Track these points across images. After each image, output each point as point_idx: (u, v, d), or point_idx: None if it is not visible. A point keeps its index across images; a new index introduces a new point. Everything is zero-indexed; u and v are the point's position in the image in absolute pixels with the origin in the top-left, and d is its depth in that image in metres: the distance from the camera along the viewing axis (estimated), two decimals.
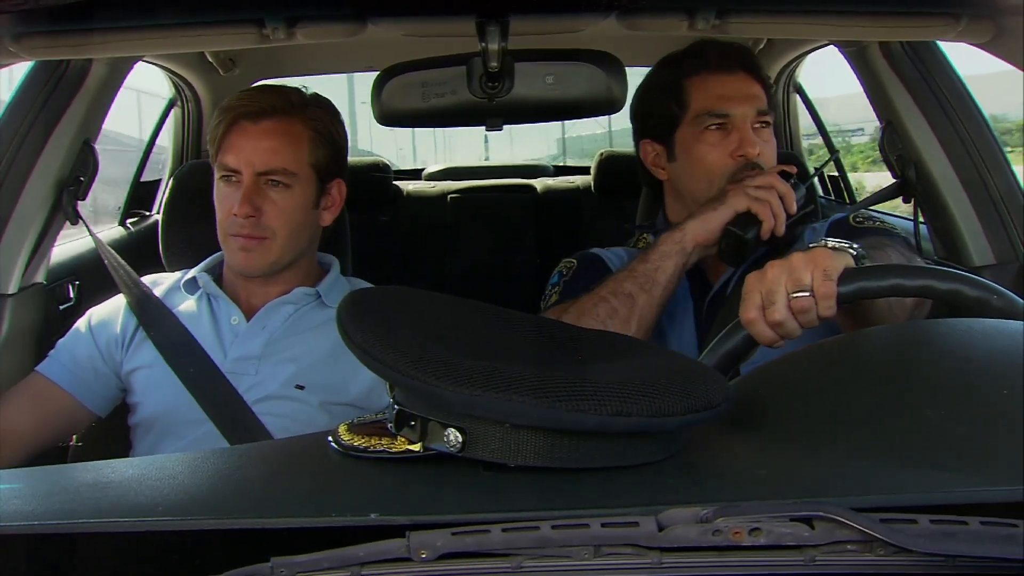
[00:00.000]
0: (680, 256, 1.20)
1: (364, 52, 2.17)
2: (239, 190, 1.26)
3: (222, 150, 1.27)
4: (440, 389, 0.57)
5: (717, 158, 1.28)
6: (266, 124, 1.26)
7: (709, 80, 1.30)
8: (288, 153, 1.27)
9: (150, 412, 1.28)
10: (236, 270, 1.32)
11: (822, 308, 0.87)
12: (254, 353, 1.28)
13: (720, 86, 1.29)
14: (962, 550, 0.49)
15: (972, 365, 0.70)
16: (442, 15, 1.15)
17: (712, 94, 1.29)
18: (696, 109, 1.30)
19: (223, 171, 1.28)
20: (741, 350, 0.89)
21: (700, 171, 1.30)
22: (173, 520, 0.56)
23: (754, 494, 0.57)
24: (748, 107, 1.28)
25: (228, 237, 1.28)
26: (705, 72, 1.30)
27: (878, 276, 0.87)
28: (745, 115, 1.28)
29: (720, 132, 1.29)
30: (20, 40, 1.10)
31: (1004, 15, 1.12)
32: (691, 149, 1.31)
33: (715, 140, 1.29)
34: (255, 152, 1.25)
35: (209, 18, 1.14)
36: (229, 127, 1.27)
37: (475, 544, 0.50)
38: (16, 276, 1.42)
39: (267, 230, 1.27)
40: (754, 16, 1.17)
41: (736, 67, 1.30)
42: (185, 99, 2.24)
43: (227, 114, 1.28)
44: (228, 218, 1.27)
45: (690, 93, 1.31)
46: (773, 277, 0.89)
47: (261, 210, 1.26)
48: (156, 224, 1.66)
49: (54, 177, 1.45)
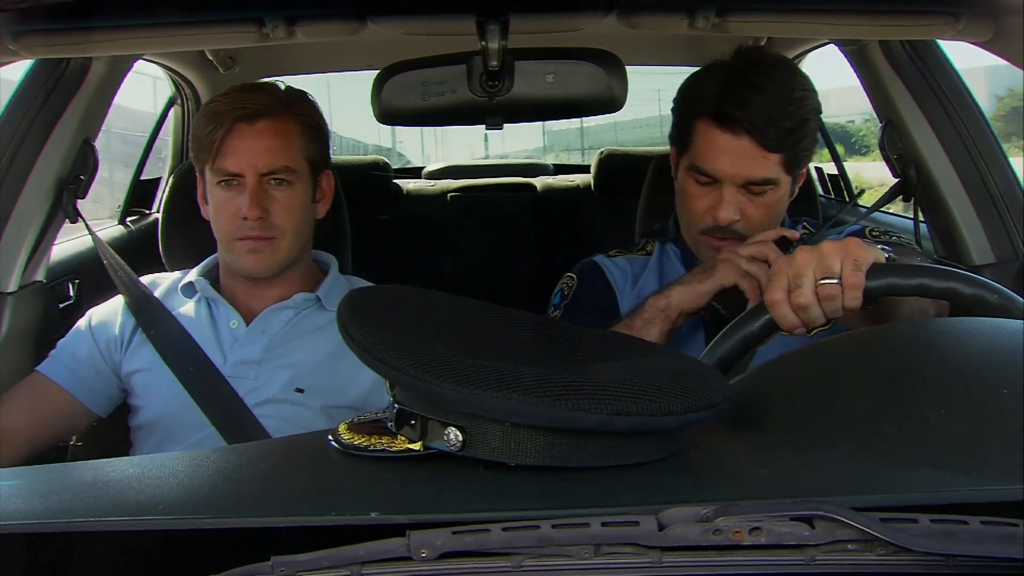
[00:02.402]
0: (664, 323, 1.16)
1: (364, 51, 2.17)
2: (242, 193, 1.25)
3: (220, 155, 1.25)
4: (440, 388, 0.57)
5: (695, 208, 1.24)
6: (262, 124, 1.26)
7: (708, 131, 1.21)
8: (286, 151, 1.27)
9: (151, 416, 1.28)
10: (245, 273, 1.31)
11: (848, 298, 0.85)
12: (254, 357, 1.28)
13: (714, 142, 1.20)
14: (962, 550, 0.49)
15: (972, 365, 0.70)
16: (442, 14, 1.15)
17: (707, 148, 1.21)
18: (692, 155, 1.23)
19: (222, 176, 1.26)
20: (760, 334, 0.88)
21: (684, 209, 1.28)
22: (173, 519, 0.56)
23: (754, 494, 0.57)
24: (739, 174, 1.19)
25: (234, 241, 1.28)
26: (707, 120, 1.21)
27: (907, 274, 0.86)
28: (733, 180, 1.20)
29: (705, 187, 1.23)
30: (20, 38, 1.10)
31: (1004, 14, 1.12)
32: (681, 185, 1.28)
33: (696, 192, 1.24)
34: (256, 153, 1.25)
35: (209, 17, 1.14)
36: (227, 132, 1.25)
37: (475, 543, 0.50)
38: (16, 274, 1.42)
39: (275, 229, 1.27)
40: (754, 15, 1.17)
41: (742, 131, 1.18)
42: (185, 97, 2.23)
43: (222, 119, 1.26)
44: (234, 222, 1.26)
45: (694, 136, 1.23)
46: (803, 261, 0.88)
47: (268, 210, 1.26)
48: (156, 223, 1.66)
49: (54, 175, 1.45)
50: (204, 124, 1.27)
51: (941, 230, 1.58)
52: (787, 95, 1.19)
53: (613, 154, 2.53)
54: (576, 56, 1.16)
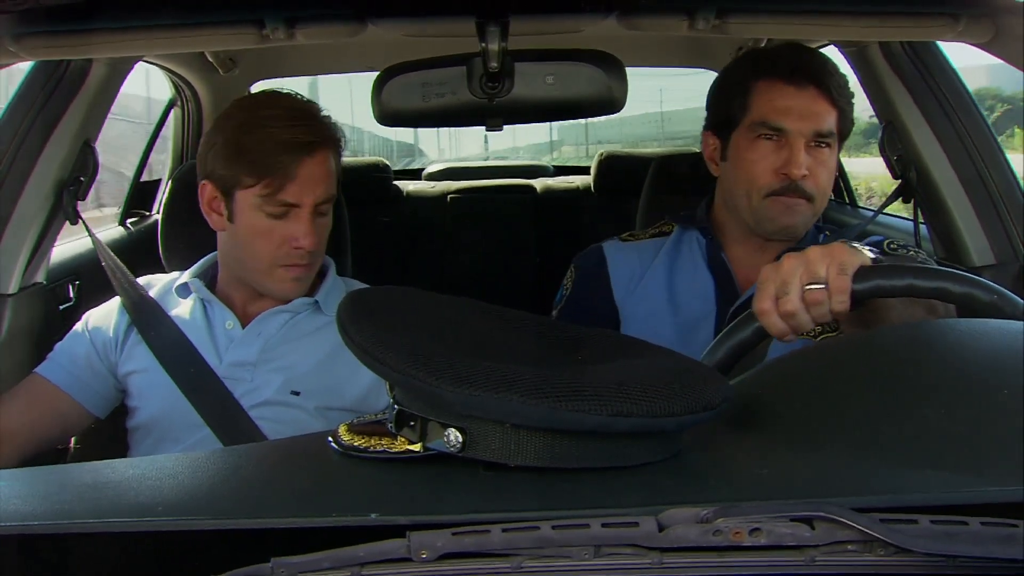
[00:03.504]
0: None
1: (364, 52, 2.17)
2: (295, 222, 1.24)
3: (284, 188, 1.22)
4: (440, 389, 0.57)
5: (762, 171, 1.25)
6: (320, 156, 1.25)
7: (775, 89, 1.25)
8: (333, 180, 1.28)
9: (147, 416, 1.28)
10: (279, 296, 1.30)
11: (835, 302, 0.86)
12: (250, 359, 1.28)
13: (783, 98, 1.25)
14: (962, 550, 0.49)
15: (972, 365, 0.70)
16: (442, 15, 1.15)
17: (773, 104, 1.25)
18: (755, 115, 1.26)
19: (278, 206, 1.23)
20: (750, 342, 0.88)
21: (743, 178, 1.28)
22: (173, 520, 0.56)
23: (754, 494, 0.57)
24: (807, 125, 1.24)
25: (277, 268, 1.27)
26: (773, 79, 1.26)
27: (894, 275, 0.86)
28: (801, 132, 1.23)
29: (772, 144, 1.25)
30: (20, 40, 1.10)
31: (1004, 15, 1.12)
32: (741, 154, 1.28)
33: (765, 151, 1.25)
34: (316, 185, 1.24)
35: (209, 18, 1.14)
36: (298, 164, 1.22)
37: (475, 544, 0.50)
38: (16, 276, 1.42)
39: (316, 255, 1.28)
40: (754, 16, 1.17)
41: (807, 81, 1.24)
42: (185, 99, 2.24)
43: (290, 154, 1.22)
44: (282, 249, 1.25)
45: (754, 97, 1.27)
46: (789, 268, 0.88)
47: (320, 238, 1.27)
48: (156, 224, 1.66)
49: (54, 177, 1.45)
50: (261, 152, 1.22)
51: (941, 231, 1.58)
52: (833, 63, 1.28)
53: (613, 155, 2.54)
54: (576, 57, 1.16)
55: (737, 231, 1.33)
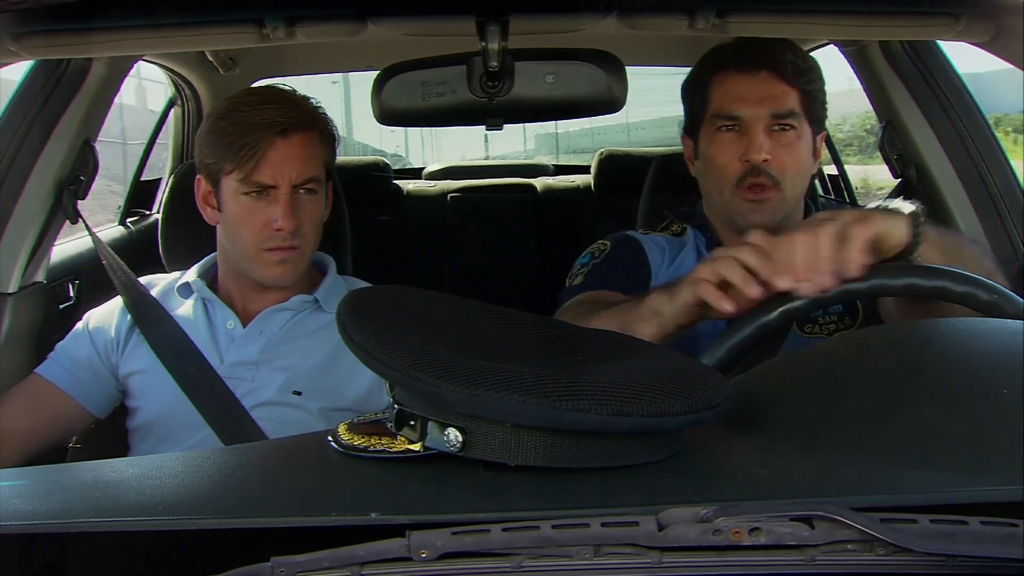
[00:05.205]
0: (655, 327, 0.98)
1: (364, 52, 2.17)
2: (272, 204, 1.24)
3: (257, 168, 1.23)
4: (440, 389, 0.57)
5: (726, 162, 1.26)
6: (296, 137, 1.25)
7: (728, 79, 1.27)
8: (314, 161, 1.28)
9: (148, 416, 1.28)
10: (269, 283, 1.30)
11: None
12: (251, 358, 1.28)
13: (737, 86, 1.26)
14: (962, 550, 0.49)
15: (972, 365, 0.70)
16: (442, 15, 1.15)
17: (728, 94, 1.26)
18: (713, 109, 1.28)
19: (253, 187, 1.25)
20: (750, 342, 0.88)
21: (714, 173, 1.28)
22: (173, 520, 0.56)
23: (754, 494, 0.57)
24: (762, 109, 1.24)
25: (261, 252, 1.27)
26: (726, 70, 1.27)
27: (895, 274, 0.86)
28: (757, 117, 1.24)
29: (733, 134, 1.26)
30: (20, 39, 1.10)
31: (1004, 15, 1.12)
32: (707, 149, 1.29)
33: (727, 142, 1.26)
34: (291, 165, 1.25)
35: (209, 17, 1.14)
36: (268, 145, 1.24)
37: (475, 544, 0.50)
38: (16, 275, 1.42)
39: (302, 239, 1.28)
40: (754, 16, 1.17)
41: (757, 67, 1.25)
42: (185, 98, 2.24)
43: (258, 132, 1.24)
44: (263, 232, 1.25)
45: (711, 91, 1.28)
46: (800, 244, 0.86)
47: (300, 220, 1.26)
48: (156, 223, 1.66)
49: (54, 176, 1.45)
50: (233, 134, 1.24)
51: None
52: (793, 44, 1.28)
53: (613, 155, 2.53)
54: (576, 57, 1.16)
55: (724, 228, 1.34)
